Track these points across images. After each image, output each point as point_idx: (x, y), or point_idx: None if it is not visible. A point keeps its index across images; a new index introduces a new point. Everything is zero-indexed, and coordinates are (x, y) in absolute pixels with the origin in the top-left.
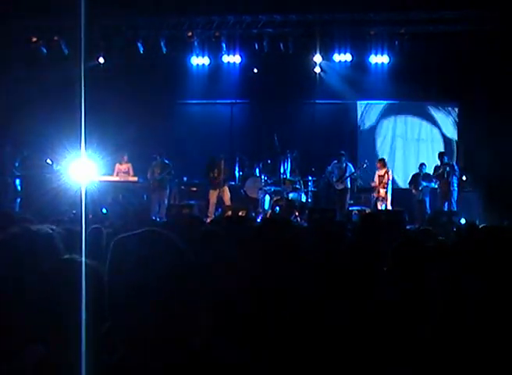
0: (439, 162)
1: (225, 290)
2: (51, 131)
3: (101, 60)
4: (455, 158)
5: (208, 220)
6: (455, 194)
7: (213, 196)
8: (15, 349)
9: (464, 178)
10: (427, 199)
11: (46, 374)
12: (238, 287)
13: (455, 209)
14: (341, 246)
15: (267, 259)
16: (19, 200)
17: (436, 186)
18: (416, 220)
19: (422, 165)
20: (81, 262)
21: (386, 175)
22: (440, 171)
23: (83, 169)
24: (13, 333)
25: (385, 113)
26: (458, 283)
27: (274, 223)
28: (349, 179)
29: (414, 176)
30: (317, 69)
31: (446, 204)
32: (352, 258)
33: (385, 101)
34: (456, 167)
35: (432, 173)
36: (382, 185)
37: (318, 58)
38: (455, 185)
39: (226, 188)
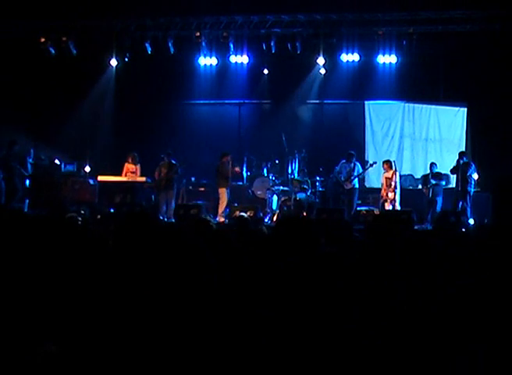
0: (455, 161)
1: None
2: (60, 131)
3: (114, 62)
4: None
5: (221, 220)
6: (471, 194)
7: (224, 194)
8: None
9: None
10: (439, 199)
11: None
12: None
13: (469, 209)
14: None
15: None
16: (27, 200)
17: (444, 184)
18: (425, 220)
19: (432, 164)
20: None
21: (394, 176)
22: (457, 170)
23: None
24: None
25: (393, 113)
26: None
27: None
28: (357, 179)
29: (424, 176)
30: (323, 70)
31: (461, 203)
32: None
33: (393, 102)
34: (473, 167)
35: (448, 171)
36: (390, 187)
37: (322, 59)
38: (472, 185)
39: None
